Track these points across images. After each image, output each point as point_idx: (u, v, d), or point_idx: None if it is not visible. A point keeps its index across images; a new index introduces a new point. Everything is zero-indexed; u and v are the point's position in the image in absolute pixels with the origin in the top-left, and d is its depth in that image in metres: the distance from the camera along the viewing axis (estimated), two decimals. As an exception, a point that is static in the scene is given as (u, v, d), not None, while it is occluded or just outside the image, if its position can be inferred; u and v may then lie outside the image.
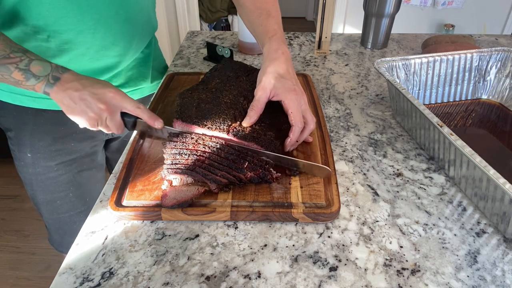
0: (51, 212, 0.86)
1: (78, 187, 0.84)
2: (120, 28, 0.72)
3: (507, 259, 0.48)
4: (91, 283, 0.46)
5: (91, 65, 0.73)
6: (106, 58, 0.74)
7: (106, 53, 0.73)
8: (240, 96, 0.65)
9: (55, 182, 0.81)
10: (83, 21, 0.66)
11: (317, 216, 0.52)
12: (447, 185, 0.60)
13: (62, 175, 0.81)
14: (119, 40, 0.73)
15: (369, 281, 0.46)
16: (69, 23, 0.65)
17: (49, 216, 0.87)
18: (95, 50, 0.71)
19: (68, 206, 0.84)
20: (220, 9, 2.81)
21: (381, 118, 0.77)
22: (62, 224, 0.88)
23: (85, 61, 0.72)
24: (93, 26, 0.68)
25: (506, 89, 0.78)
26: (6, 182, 1.98)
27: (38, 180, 0.81)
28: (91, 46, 0.70)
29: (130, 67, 0.82)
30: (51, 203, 0.84)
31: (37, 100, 0.74)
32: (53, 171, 0.80)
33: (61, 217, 0.86)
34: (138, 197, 0.54)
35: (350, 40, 1.15)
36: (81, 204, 0.85)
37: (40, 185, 0.81)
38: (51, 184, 0.81)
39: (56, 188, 0.82)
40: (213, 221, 0.53)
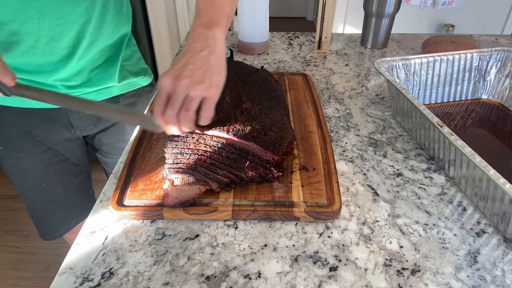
0: (28, 201, 0.90)
1: (50, 178, 0.86)
2: (69, 18, 0.69)
3: (507, 259, 0.49)
4: (91, 283, 0.46)
5: (44, 59, 0.70)
6: (59, 51, 0.71)
7: (56, 45, 0.69)
8: (241, 96, 0.65)
9: (27, 172, 0.84)
10: (24, 9, 0.63)
11: (319, 215, 0.52)
12: (447, 185, 0.60)
13: (32, 166, 0.84)
14: (68, 30, 0.70)
15: (369, 281, 0.46)
16: (10, 12, 0.63)
17: (28, 205, 0.91)
18: (45, 42, 0.68)
19: (41, 196, 0.88)
20: (220, 9, 2.80)
21: (381, 118, 0.77)
22: (38, 212, 0.91)
23: (37, 55, 0.69)
24: (37, 15, 0.65)
25: (506, 89, 0.78)
26: (6, 182, 1.98)
27: (12, 171, 0.84)
28: (39, 37, 0.67)
29: (94, 66, 0.79)
30: (25, 193, 0.88)
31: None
32: (23, 163, 0.82)
33: (36, 206, 0.90)
34: (139, 196, 0.54)
35: (350, 40, 1.15)
36: (54, 193, 0.88)
37: (14, 176, 0.85)
38: (23, 175, 0.84)
39: (28, 177, 0.85)
40: (213, 221, 0.53)
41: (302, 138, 0.66)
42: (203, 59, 0.53)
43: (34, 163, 0.83)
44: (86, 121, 0.85)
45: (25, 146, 0.81)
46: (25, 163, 0.82)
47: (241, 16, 1.00)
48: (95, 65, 0.79)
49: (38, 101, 0.55)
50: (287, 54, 1.05)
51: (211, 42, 0.54)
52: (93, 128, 0.88)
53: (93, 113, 0.56)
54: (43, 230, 0.95)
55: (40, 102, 0.71)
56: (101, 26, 0.75)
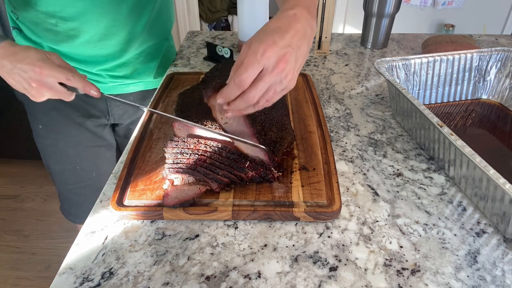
0: (61, 182, 0.93)
1: (85, 161, 0.91)
2: (123, 21, 0.77)
3: (507, 259, 0.49)
4: (91, 283, 0.46)
5: (94, 52, 0.79)
6: (108, 47, 0.79)
7: (107, 42, 0.78)
8: (240, 96, 0.65)
9: (64, 153, 0.88)
10: (87, 12, 0.72)
11: (319, 215, 0.52)
12: (447, 185, 0.60)
13: (69, 148, 0.88)
14: (121, 31, 0.78)
15: (369, 281, 0.46)
16: (74, 12, 0.72)
17: (59, 185, 0.95)
18: (98, 38, 0.76)
19: (75, 178, 0.92)
20: (220, 9, 2.81)
21: (381, 118, 0.77)
22: (70, 194, 0.95)
23: (89, 48, 0.78)
24: (96, 18, 0.73)
25: (506, 89, 0.78)
26: (6, 182, 1.98)
27: (49, 150, 0.89)
28: (94, 34, 0.75)
29: (139, 60, 0.87)
30: (60, 174, 0.92)
31: None
32: (61, 144, 0.87)
33: (69, 188, 0.94)
34: (139, 196, 0.54)
35: (350, 40, 1.15)
36: (87, 178, 0.92)
37: (51, 155, 0.89)
38: (60, 155, 0.89)
39: (64, 159, 0.89)
40: (213, 221, 0.53)
41: (302, 138, 0.66)
42: (303, 48, 0.47)
43: (71, 145, 0.88)
44: (123, 110, 0.92)
45: (64, 127, 0.86)
46: (62, 144, 0.87)
47: (241, 16, 1.00)
48: (139, 59, 0.86)
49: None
50: (287, 54, 1.05)
51: (309, 31, 0.48)
52: (127, 118, 0.94)
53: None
54: (74, 212, 0.99)
55: None
56: (150, 27, 0.84)
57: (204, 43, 1.11)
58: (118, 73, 0.85)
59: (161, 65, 0.93)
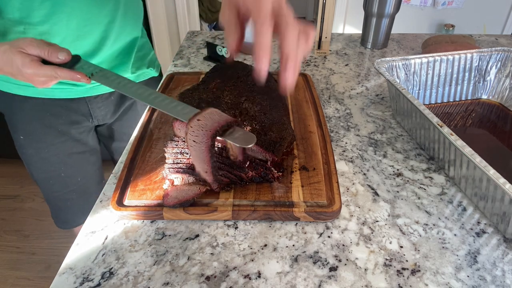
0: (46, 189, 0.93)
1: (69, 168, 0.90)
2: (94, 20, 0.75)
3: (507, 259, 0.49)
4: (91, 283, 0.46)
5: None
6: (83, 47, 0.76)
7: (81, 42, 0.75)
8: (241, 96, 0.65)
9: (47, 162, 0.87)
10: (55, 14, 0.69)
11: (319, 215, 0.52)
12: (447, 185, 0.60)
13: (52, 156, 0.86)
14: (94, 30, 0.76)
15: (369, 281, 0.46)
16: (42, 15, 0.68)
17: (45, 193, 0.94)
18: (71, 40, 0.74)
19: (60, 185, 0.91)
20: (220, 9, 2.81)
21: (381, 118, 0.77)
22: (57, 201, 0.94)
23: None
24: (66, 18, 0.70)
25: (506, 89, 0.78)
26: (6, 182, 1.98)
27: (32, 160, 0.87)
28: (66, 36, 0.73)
29: (113, 57, 0.84)
30: (45, 181, 0.90)
31: (22, 88, 0.79)
32: (44, 152, 0.86)
33: (55, 195, 0.93)
34: (139, 196, 0.54)
35: (350, 40, 1.15)
36: (72, 183, 0.91)
37: (34, 165, 0.88)
38: (43, 164, 0.87)
39: (48, 167, 0.88)
40: (213, 221, 0.53)
41: (302, 138, 0.66)
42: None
43: (54, 153, 0.86)
44: (105, 110, 0.90)
45: (46, 136, 0.84)
46: (45, 153, 0.85)
47: (241, 16, 1.00)
48: (113, 56, 0.84)
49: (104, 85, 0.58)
50: (287, 54, 1.05)
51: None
52: (110, 117, 0.93)
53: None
54: (62, 219, 0.98)
55: (62, 92, 0.80)
56: (124, 24, 0.81)
57: (204, 43, 1.11)
58: None
59: (136, 60, 0.91)
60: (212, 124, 0.51)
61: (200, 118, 0.51)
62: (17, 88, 0.79)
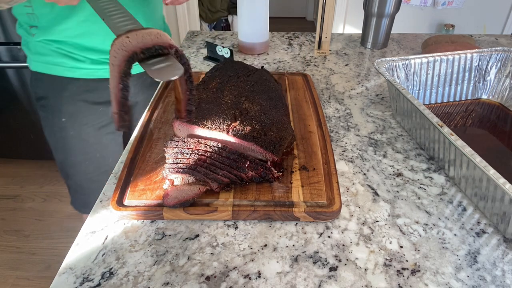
0: (80, 172, 0.94)
1: (104, 148, 0.93)
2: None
3: (507, 259, 0.49)
4: (91, 283, 0.46)
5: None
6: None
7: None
8: (241, 96, 0.65)
9: (87, 143, 0.90)
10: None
11: (319, 215, 0.52)
12: (447, 185, 0.60)
13: (92, 137, 0.90)
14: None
15: (369, 281, 0.46)
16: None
17: (78, 176, 0.95)
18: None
19: (94, 166, 0.93)
20: (220, 9, 2.81)
21: (381, 118, 0.77)
22: (89, 183, 0.96)
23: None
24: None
25: (506, 89, 0.78)
26: (6, 182, 1.98)
27: (71, 143, 0.89)
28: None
29: None
30: (81, 164, 0.92)
31: (70, 70, 0.83)
32: (85, 134, 0.89)
33: (88, 177, 0.94)
34: (139, 196, 0.54)
35: (350, 40, 1.15)
36: (105, 164, 0.94)
37: (73, 147, 0.90)
38: (83, 145, 0.90)
39: (87, 148, 0.90)
40: (213, 221, 0.53)
41: (302, 138, 0.66)
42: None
43: (93, 134, 0.89)
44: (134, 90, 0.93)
45: (88, 117, 0.88)
46: (86, 134, 0.89)
47: (241, 16, 1.00)
48: None
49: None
50: (287, 54, 1.05)
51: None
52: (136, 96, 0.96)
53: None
54: (85, 202, 0.99)
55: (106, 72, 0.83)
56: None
57: (204, 43, 1.11)
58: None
59: None
60: (136, 45, 0.41)
61: (130, 36, 0.41)
62: (64, 70, 0.83)
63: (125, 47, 0.40)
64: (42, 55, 0.82)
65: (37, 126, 1.88)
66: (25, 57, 0.87)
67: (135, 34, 0.41)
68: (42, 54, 0.82)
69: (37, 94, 0.88)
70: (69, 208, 1.85)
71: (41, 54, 0.82)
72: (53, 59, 0.81)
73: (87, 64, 0.83)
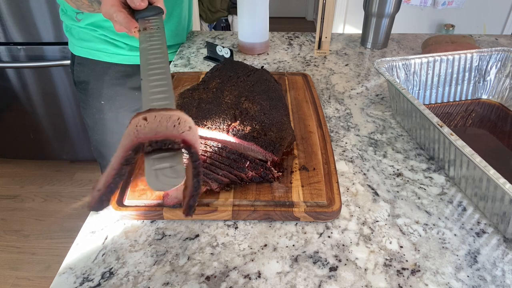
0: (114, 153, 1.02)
1: None
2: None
3: (507, 259, 0.49)
4: (91, 283, 0.46)
5: None
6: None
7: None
8: (241, 96, 0.65)
9: (122, 125, 0.95)
10: None
11: (319, 215, 0.52)
12: (447, 185, 0.60)
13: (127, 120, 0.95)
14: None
15: (369, 281, 0.46)
16: None
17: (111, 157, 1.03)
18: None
19: None
20: (220, 9, 2.81)
21: (381, 118, 0.77)
22: None
23: None
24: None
25: (506, 89, 0.78)
26: (6, 182, 1.98)
27: (107, 124, 0.96)
28: None
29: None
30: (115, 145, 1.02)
31: (111, 56, 0.90)
32: (121, 116, 0.94)
33: None
34: (139, 196, 0.54)
35: (350, 40, 1.15)
36: None
37: (109, 129, 0.96)
38: (118, 128, 0.96)
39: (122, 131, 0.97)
40: (213, 221, 0.53)
41: (302, 138, 0.66)
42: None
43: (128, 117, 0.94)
44: None
45: (125, 101, 0.94)
46: (122, 117, 0.94)
47: (241, 16, 1.00)
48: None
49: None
50: (287, 54, 1.05)
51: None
52: None
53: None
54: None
55: None
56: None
57: (204, 43, 1.11)
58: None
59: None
60: (148, 133, 0.36)
61: (148, 117, 0.36)
62: (105, 55, 0.90)
63: (138, 132, 0.36)
64: (86, 41, 0.89)
65: (37, 126, 1.89)
66: (25, 57, 0.89)
67: (154, 115, 0.36)
68: (85, 40, 0.89)
69: (79, 78, 0.93)
70: (69, 208, 1.85)
71: (85, 40, 0.89)
72: (95, 45, 0.88)
73: (126, 50, 0.90)
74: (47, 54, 1.66)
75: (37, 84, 1.76)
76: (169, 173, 0.34)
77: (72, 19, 0.88)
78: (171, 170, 0.34)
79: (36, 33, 1.62)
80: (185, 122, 0.36)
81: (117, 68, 0.91)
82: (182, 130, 0.35)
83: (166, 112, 0.36)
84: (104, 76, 0.92)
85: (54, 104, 1.82)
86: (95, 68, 0.92)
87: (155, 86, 0.44)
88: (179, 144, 0.35)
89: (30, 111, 1.84)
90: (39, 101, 1.82)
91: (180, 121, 0.36)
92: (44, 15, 1.58)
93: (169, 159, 0.35)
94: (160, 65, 0.47)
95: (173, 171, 0.34)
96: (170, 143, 0.35)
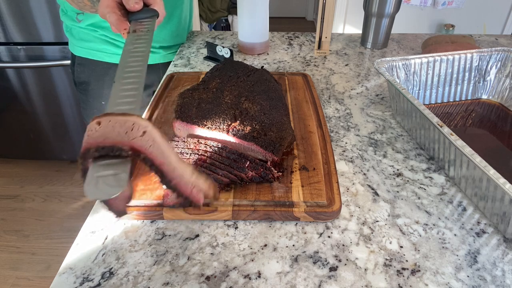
0: None
1: None
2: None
3: (507, 259, 0.49)
4: (91, 283, 0.46)
5: None
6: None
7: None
8: (241, 96, 0.65)
9: None
10: None
11: (319, 215, 0.52)
12: (447, 185, 0.60)
13: None
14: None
15: (369, 281, 0.46)
16: None
17: None
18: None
19: None
20: (220, 9, 2.81)
21: (381, 118, 0.77)
22: None
23: None
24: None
25: (506, 89, 0.78)
26: (6, 182, 1.98)
27: None
28: None
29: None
30: None
31: (111, 56, 0.91)
32: None
33: None
34: (139, 196, 0.54)
35: (350, 40, 1.15)
36: None
37: None
38: None
39: None
40: (213, 221, 0.53)
41: (302, 138, 0.66)
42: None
43: None
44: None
45: None
46: None
47: (241, 16, 1.00)
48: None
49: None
50: (287, 54, 1.05)
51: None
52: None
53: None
54: None
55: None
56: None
57: (204, 43, 1.11)
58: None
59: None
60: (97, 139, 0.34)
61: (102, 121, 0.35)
62: (105, 56, 0.90)
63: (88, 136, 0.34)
64: (86, 41, 0.89)
65: (37, 126, 1.89)
66: (25, 57, 0.89)
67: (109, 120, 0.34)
68: (86, 40, 0.89)
69: (80, 78, 0.93)
70: (69, 208, 1.85)
71: (85, 40, 0.89)
72: (96, 45, 0.88)
73: None
74: (47, 54, 1.66)
75: (37, 84, 1.76)
76: (110, 181, 0.32)
77: (73, 19, 0.88)
78: (114, 178, 0.33)
79: (36, 33, 1.62)
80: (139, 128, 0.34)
81: (117, 69, 0.92)
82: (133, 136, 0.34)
83: (122, 117, 0.35)
84: (105, 76, 0.92)
85: (54, 104, 1.82)
86: (96, 69, 0.92)
87: (125, 90, 0.43)
88: (127, 151, 0.34)
89: (30, 111, 1.83)
90: (39, 101, 1.82)
91: (134, 127, 0.34)
92: (44, 15, 1.58)
93: (114, 167, 0.33)
94: (136, 68, 0.46)
95: (116, 179, 0.33)
96: (117, 150, 0.33)
